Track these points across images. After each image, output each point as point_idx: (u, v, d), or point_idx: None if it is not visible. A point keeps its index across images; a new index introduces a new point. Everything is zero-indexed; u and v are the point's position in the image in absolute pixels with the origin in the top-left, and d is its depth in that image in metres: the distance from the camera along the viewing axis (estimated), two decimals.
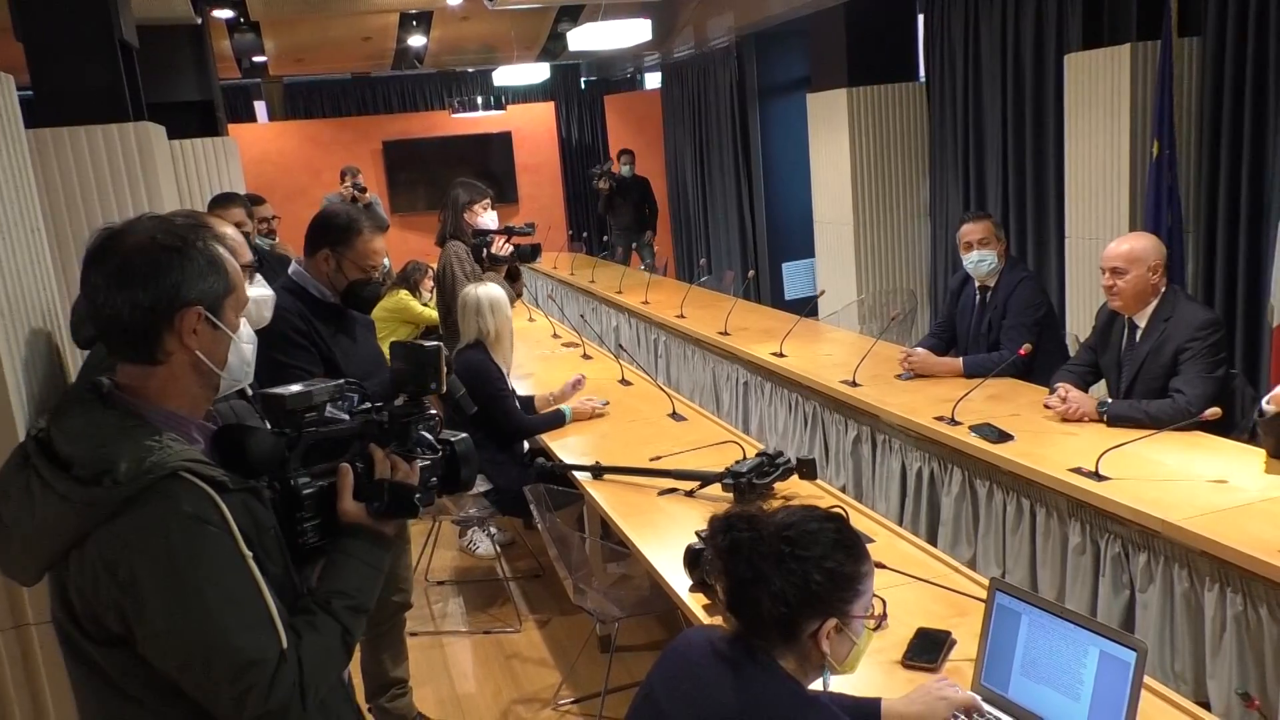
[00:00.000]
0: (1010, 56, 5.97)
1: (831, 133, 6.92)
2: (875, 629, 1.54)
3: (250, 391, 1.64)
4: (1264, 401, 2.70)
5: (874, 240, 6.89)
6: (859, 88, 6.66)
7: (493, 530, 4.57)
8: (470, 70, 11.61)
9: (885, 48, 6.79)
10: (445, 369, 1.64)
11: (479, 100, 11.31)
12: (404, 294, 6.08)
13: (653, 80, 11.98)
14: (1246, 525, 2.39)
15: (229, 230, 1.89)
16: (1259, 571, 2.25)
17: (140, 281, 1.27)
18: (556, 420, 3.84)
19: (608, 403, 3.97)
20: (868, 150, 6.77)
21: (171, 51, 5.67)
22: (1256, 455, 2.83)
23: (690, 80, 10.14)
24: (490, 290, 3.87)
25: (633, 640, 3.59)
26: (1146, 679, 1.69)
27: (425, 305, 6.07)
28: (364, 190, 8.31)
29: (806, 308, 5.35)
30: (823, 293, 6.04)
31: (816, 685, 1.51)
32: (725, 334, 5.12)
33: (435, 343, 1.58)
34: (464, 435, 1.56)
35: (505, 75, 9.80)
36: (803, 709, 1.41)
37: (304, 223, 2.93)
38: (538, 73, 9.64)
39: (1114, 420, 3.11)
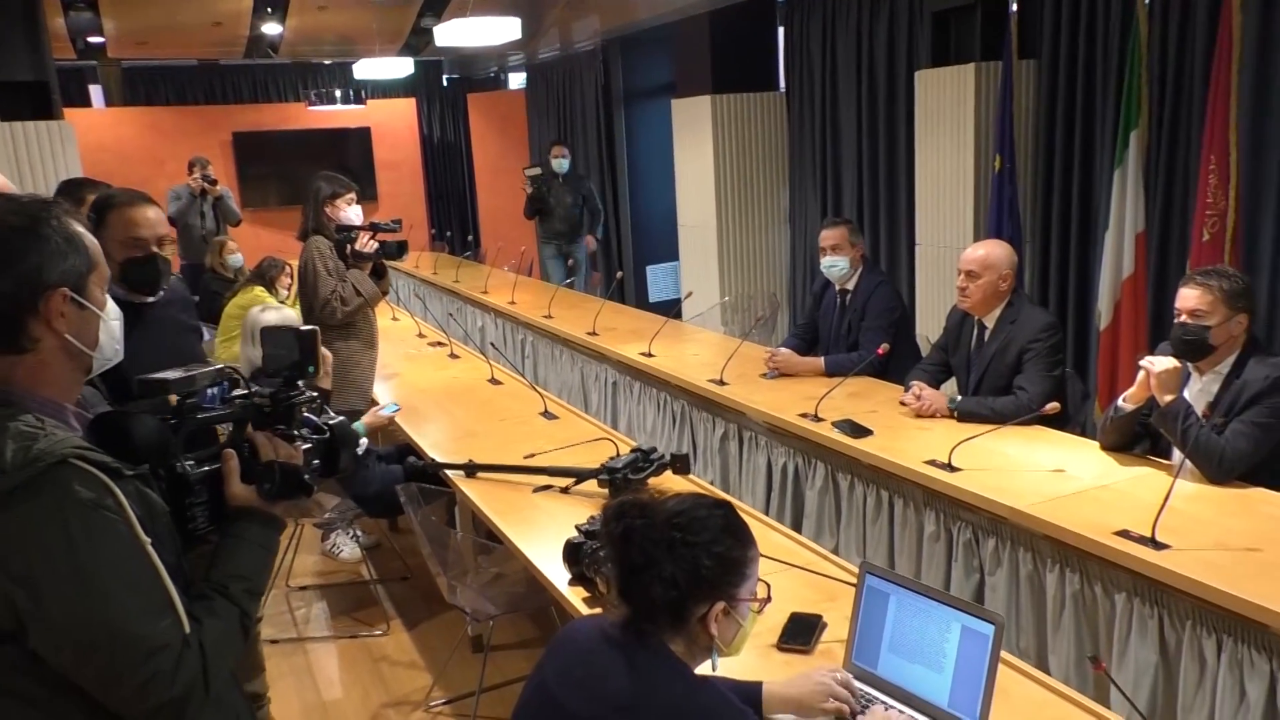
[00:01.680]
0: (865, 71, 6.25)
1: (695, 138, 7.06)
2: (760, 611, 1.59)
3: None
4: (1119, 400, 2.92)
5: (736, 244, 7.08)
6: (722, 95, 6.83)
7: (357, 533, 4.46)
8: (328, 62, 11.26)
9: (748, 57, 6.99)
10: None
11: (337, 93, 10.98)
12: (259, 290, 5.84)
13: (516, 80, 11.92)
14: (1082, 510, 2.59)
15: None
16: (1094, 552, 2.44)
17: None
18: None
19: (399, 408, 3.91)
20: (730, 156, 6.95)
21: (1, 26, 5.28)
22: (1091, 446, 3.06)
23: (556, 82, 10.15)
24: (266, 317, 3.66)
25: (506, 639, 3.57)
26: None
27: (284, 302, 5.86)
28: (214, 182, 7.93)
29: (671, 310, 5.44)
30: (690, 294, 6.15)
31: (704, 668, 1.55)
32: (594, 334, 5.16)
33: (311, 326, 1.55)
34: (342, 418, 1.54)
35: (365, 69, 9.54)
36: (694, 690, 1.46)
37: None
38: (400, 67, 9.41)
39: (964, 416, 3.31)
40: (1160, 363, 2.76)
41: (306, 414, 1.47)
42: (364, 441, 3.45)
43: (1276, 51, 4.08)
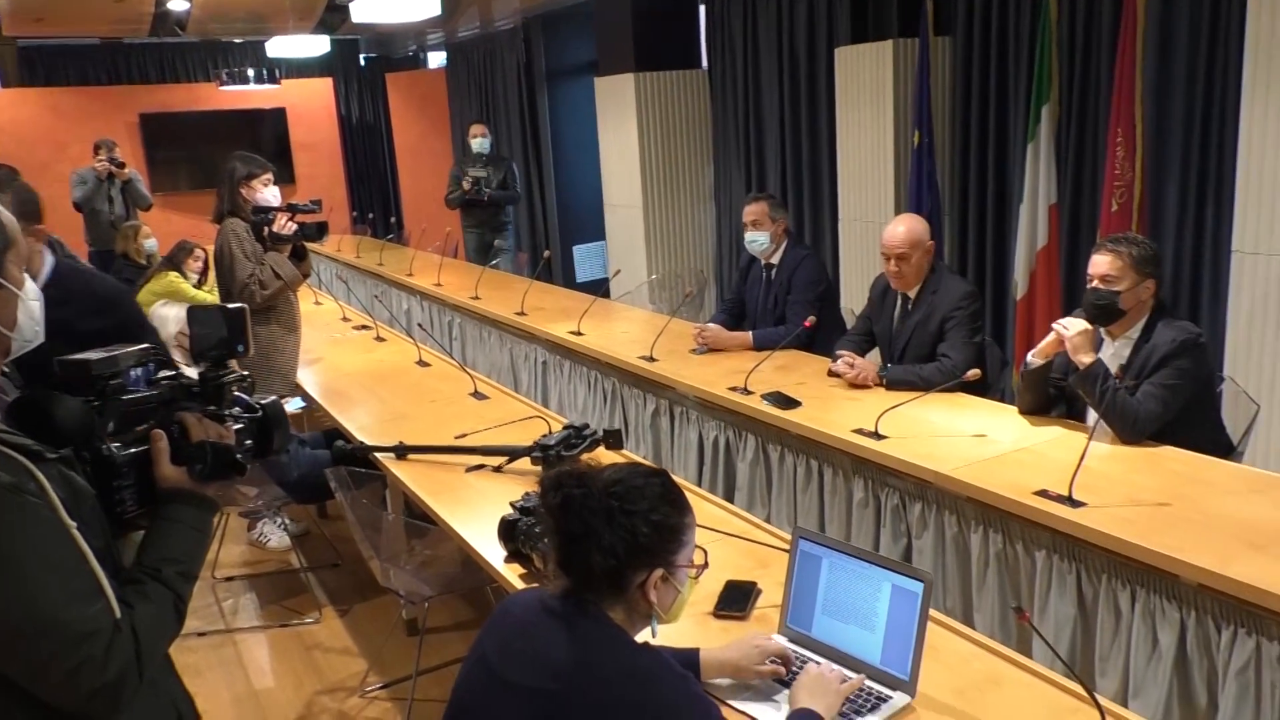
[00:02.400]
0: (786, 48, 6.29)
1: (619, 117, 7.05)
2: (697, 578, 1.61)
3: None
4: (1029, 355, 3.02)
5: (662, 222, 7.09)
6: (645, 73, 6.82)
7: (285, 521, 4.38)
8: (239, 41, 10.91)
9: (670, 35, 6.99)
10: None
11: (250, 73, 10.66)
12: (173, 276, 5.68)
13: (436, 60, 11.72)
14: (1004, 473, 2.67)
15: None
16: (1015, 512, 2.53)
17: None
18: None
19: (305, 404, 3.87)
20: (655, 135, 6.95)
21: None
22: (1010, 412, 3.16)
23: (476, 61, 10.01)
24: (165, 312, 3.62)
25: (441, 621, 3.55)
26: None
27: (199, 288, 5.70)
28: (122, 166, 7.67)
29: (599, 289, 5.44)
30: (618, 272, 6.16)
31: (644, 635, 1.57)
32: (522, 314, 5.13)
33: (239, 304, 1.52)
34: (273, 398, 1.51)
35: (279, 47, 9.28)
36: (635, 656, 1.47)
37: (47, 200, 2.64)
38: (315, 46, 9.18)
39: (893, 384, 3.39)
40: (1073, 325, 2.86)
41: (237, 393, 1.44)
42: None
43: (1178, 28, 4.24)
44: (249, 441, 1.45)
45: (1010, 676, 1.84)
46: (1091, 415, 2.92)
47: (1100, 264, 2.87)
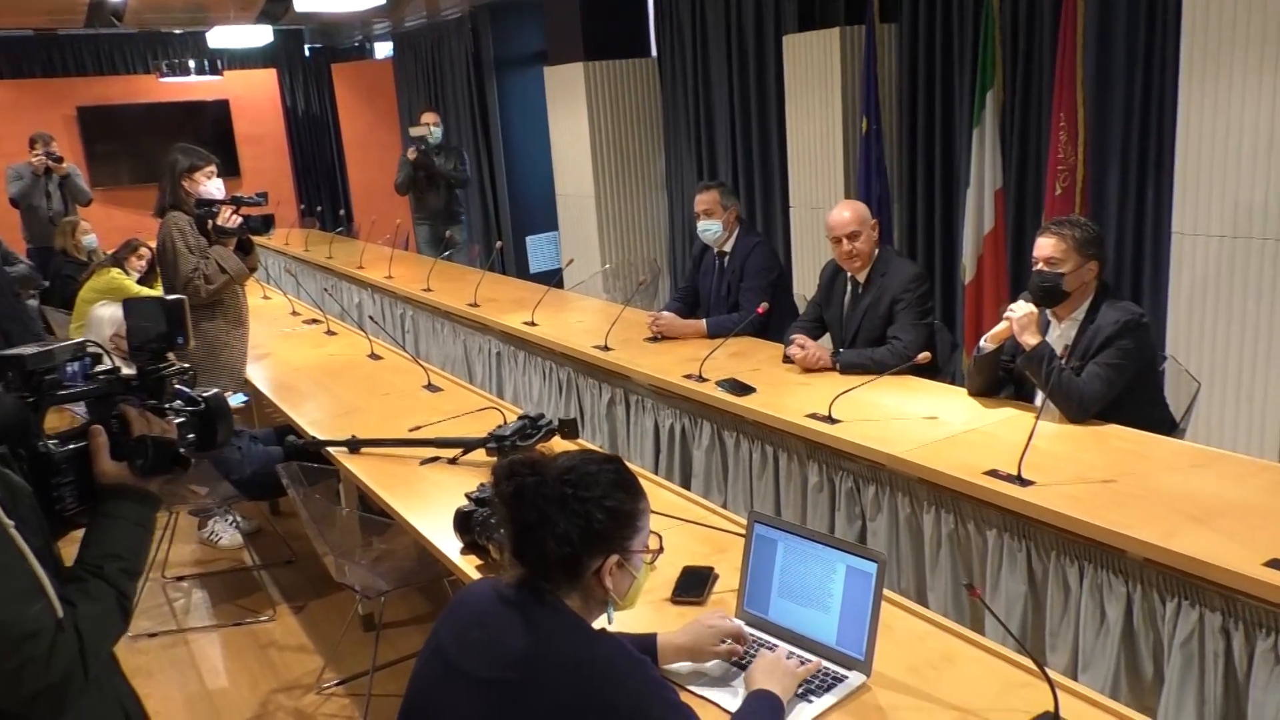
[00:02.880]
0: (734, 35, 6.30)
1: (569, 106, 7.01)
2: (652, 563, 1.62)
3: None
4: (983, 340, 3.06)
5: (615, 211, 7.08)
6: (595, 62, 6.79)
7: (236, 519, 4.31)
8: (179, 31, 10.67)
9: (618, 23, 6.96)
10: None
11: (191, 64, 10.42)
12: (115, 272, 5.55)
13: (383, 50, 11.56)
14: (954, 454, 2.71)
15: None
16: (966, 492, 2.57)
17: None
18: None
19: (248, 399, 3.85)
20: (605, 124, 6.93)
21: None
22: (960, 394, 3.20)
23: (424, 51, 9.89)
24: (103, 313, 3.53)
25: (398, 616, 3.53)
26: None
27: (143, 284, 5.58)
28: (60, 160, 7.47)
29: (553, 279, 5.42)
30: (571, 261, 6.14)
31: (600, 622, 1.57)
32: (475, 305, 5.10)
33: (178, 296, 1.48)
34: (216, 390, 1.49)
35: (220, 37, 9.10)
36: (592, 643, 1.47)
37: None
38: (258, 36, 9.00)
39: (846, 367, 3.42)
40: (1020, 309, 2.91)
41: (179, 386, 1.41)
42: None
43: (1118, 16, 4.31)
44: (191, 435, 1.43)
45: (963, 653, 1.87)
46: (1039, 396, 2.97)
47: (1044, 247, 2.91)
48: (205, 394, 1.45)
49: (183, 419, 1.41)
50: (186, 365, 1.44)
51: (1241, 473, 2.49)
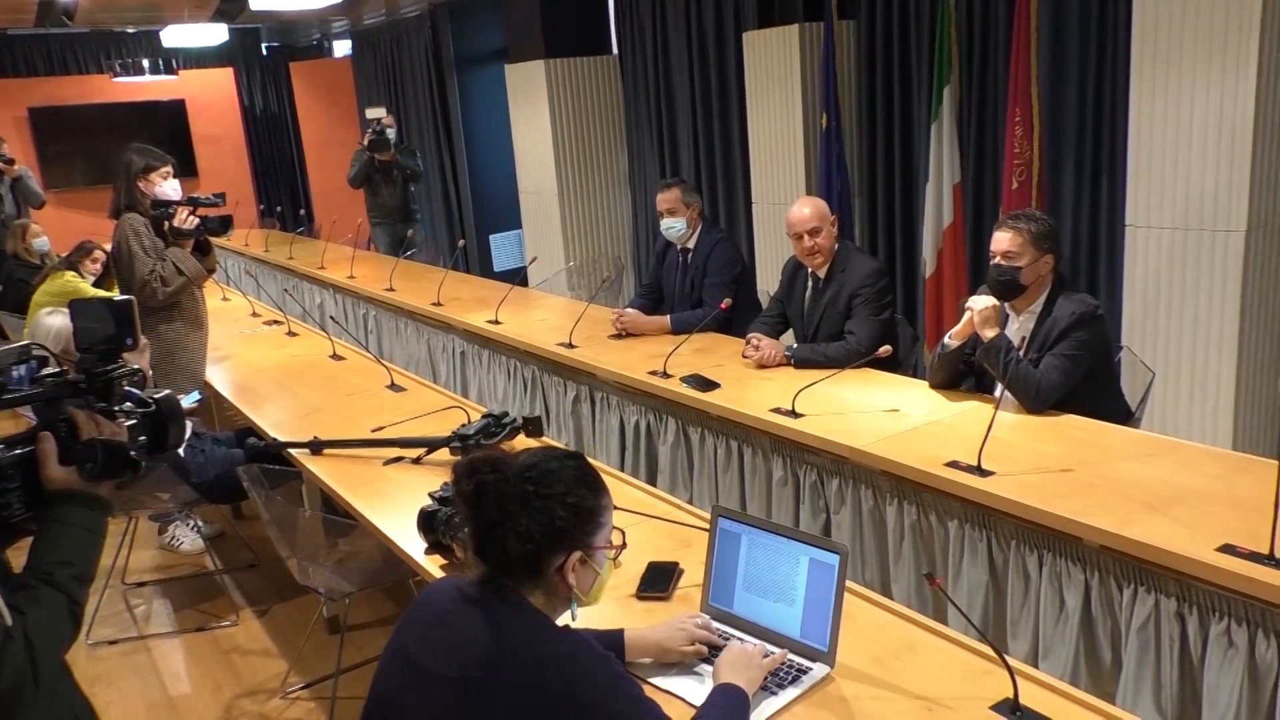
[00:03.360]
0: (695, 32, 6.32)
1: (531, 104, 6.99)
2: (615, 559, 1.62)
3: None
4: (946, 337, 3.09)
5: (578, 209, 7.07)
6: (556, 60, 6.77)
7: (198, 523, 4.25)
8: (132, 30, 10.50)
9: (579, 21, 6.95)
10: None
11: (145, 64, 10.26)
12: (70, 275, 5.46)
13: (342, 48, 11.46)
14: (916, 445, 2.74)
15: None
16: (928, 483, 2.59)
17: None
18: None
19: (202, 397, 3.83)
20: (567, 121, 6.91)
21: None
22: (921, 386, 3.24)
23: (384, 49, 9.81)
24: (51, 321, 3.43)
25: (363, 618, 3.50)
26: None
27: (99, 287, 5.49)
28: (11, 162, 7.34)
29: (516, 277, 5.40)
30: (535, 259, 6.12)
31: (565, 619, 1.57)
32: (438, 305, 5.07)
33: (126, 297, 1.46)
34: (168, 391, 1.46)
35: (175, 36, 8.97)
36: (556, 639, 1.47)
37: None
38: (213, 34, 8.89)
39: (800, 363, 3.45)
40: (980, 302, 2.94)
41: (128, 388, 1.38)
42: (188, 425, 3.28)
43: (1070, 12, 4.37)
44: (143, 438, 1.40)
45: (925, 643, 1.89)
46: (999, 388, 3.01)
47: (1001, 241, 2.95)
48: (156, 395, 1.43)
49: (133, 421, 1.38)
50: (136, 366, 1.41)
51: (1195, 461, 2.54)
